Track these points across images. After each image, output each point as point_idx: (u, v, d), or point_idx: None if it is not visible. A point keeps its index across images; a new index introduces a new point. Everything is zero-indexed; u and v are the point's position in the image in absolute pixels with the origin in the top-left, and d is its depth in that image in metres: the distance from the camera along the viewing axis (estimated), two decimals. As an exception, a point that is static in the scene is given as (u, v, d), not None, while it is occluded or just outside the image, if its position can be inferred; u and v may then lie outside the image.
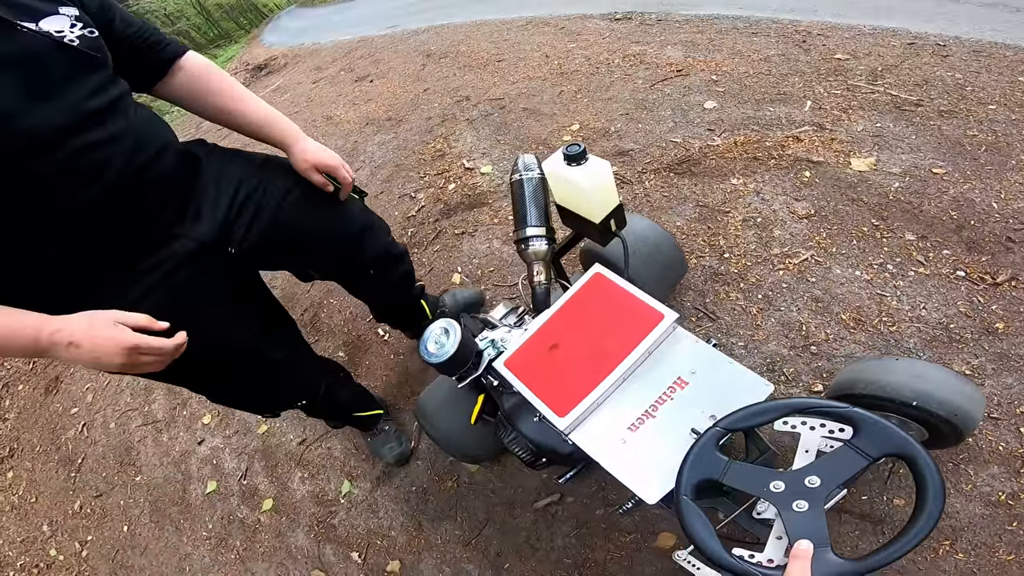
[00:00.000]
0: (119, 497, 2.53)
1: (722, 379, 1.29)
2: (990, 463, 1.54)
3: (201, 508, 2.32)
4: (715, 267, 2.01)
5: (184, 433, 2.52)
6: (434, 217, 2.56)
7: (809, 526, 0.95)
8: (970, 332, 1.69)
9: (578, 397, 1.29)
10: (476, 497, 1.94)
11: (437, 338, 1.35)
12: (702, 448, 1.07)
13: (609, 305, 1.42)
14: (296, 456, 2.26)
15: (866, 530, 1.56)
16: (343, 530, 2.06)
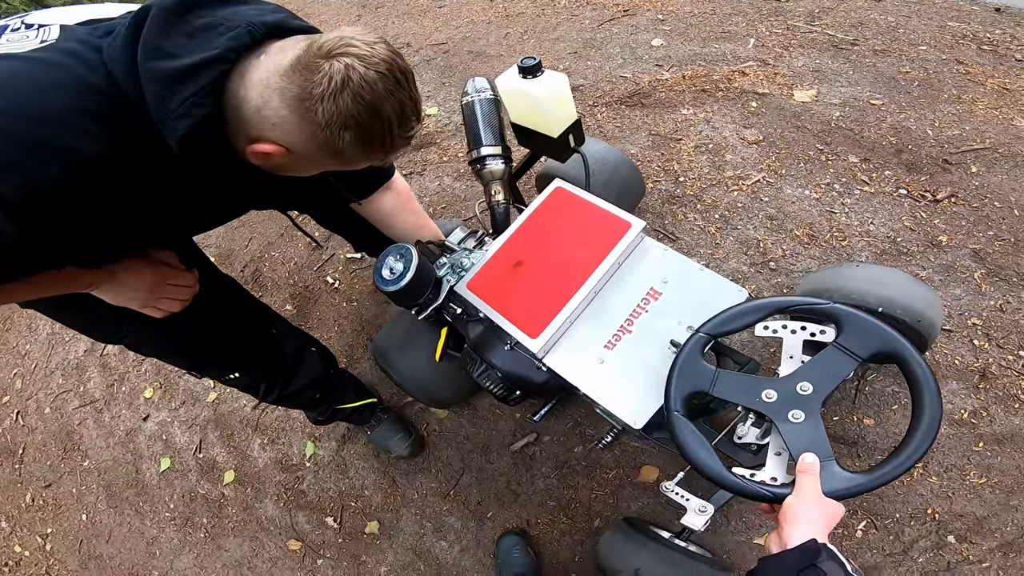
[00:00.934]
0: (70, 485, 2.32)
1: (696, 287, 1.22)
2: (948, 378, 1.59)
3: (158, 488, 2.15)
4: (671, 190, 1.98)
5: (126, 410, 2.31)
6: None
7: (809, 437, 0.89)
8: (916, 245, 1.73)
9: (549, 315, 1.19)
10: (448, 446, 1.87)
11: (392, 265, 1.21)
12: (687, 357, 0.99)
13: (573, 218, 1.31)
14: (252, 422, 2.10)
15: (841, 452, 1.59)
16: (313, 495, 1.94)
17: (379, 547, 1.81)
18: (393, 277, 1.19)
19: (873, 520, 1.50)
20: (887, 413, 1.57)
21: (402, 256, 1.19)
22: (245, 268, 2.41)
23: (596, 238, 1.26)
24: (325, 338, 2.18)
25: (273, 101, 0.76)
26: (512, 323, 1.20)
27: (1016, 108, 2.02)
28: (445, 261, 1.34)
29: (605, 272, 1.22)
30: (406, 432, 1.84)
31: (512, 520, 1.72)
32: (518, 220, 1.36)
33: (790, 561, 0.74)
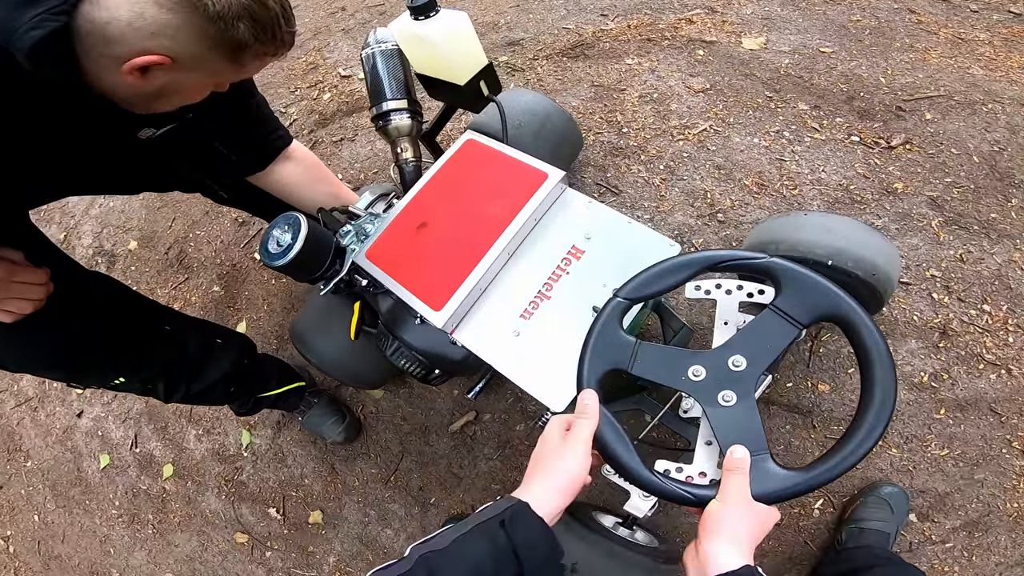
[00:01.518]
0: (18, 487, 2.12)
1: (622, 243, 1.01)
2: (907, 337, 1.39)
3: (101, 485, 1.95)
4: (614, 142, 1.76)
5: (60, 408, 2.09)
6: (308, 128, 2.18)
7: (741, 425, 0.71)
8: (870, 192, 1.54)
9: (454, 284, 0.98)
10: (386, 428, 1.67)
11: (278, 237, 1.00)
12: (602, 329, 0.78)
13: (485, 172, 1.10)
14: (185, 412, 1.89)
15: (796, 423, 1.39)
16: (254, 486, 1.75)
17: (325, 537, 1.65)
18: (280, 250, 0.99)
19: (831, 498, 1.33)
20: (843, 378, 1.38)
21: (290, 226, 1.00)
22: (169, 250, 2.17)
23: (509, 193, 1.05)
24: (254, 318, 1.96)
25: (149, 10, 0.70)
26: (414, 295, 1.00)
27: (972, 57, 1.82)
28: (350, 228, 1.13)
29: (519, 230, 1.01)
30: (340, 416, 1.65)
31: (456, 505, 1.56)
32: (423, 178, 1.15)
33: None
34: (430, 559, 0.55)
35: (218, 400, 1.45)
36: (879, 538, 1.22)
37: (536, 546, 0.58)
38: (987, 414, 1.32)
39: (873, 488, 1.30)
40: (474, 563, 0.54)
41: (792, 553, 1.35)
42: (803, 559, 1.34)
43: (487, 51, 1.23)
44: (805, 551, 1.34)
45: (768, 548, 1.36)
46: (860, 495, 1.30)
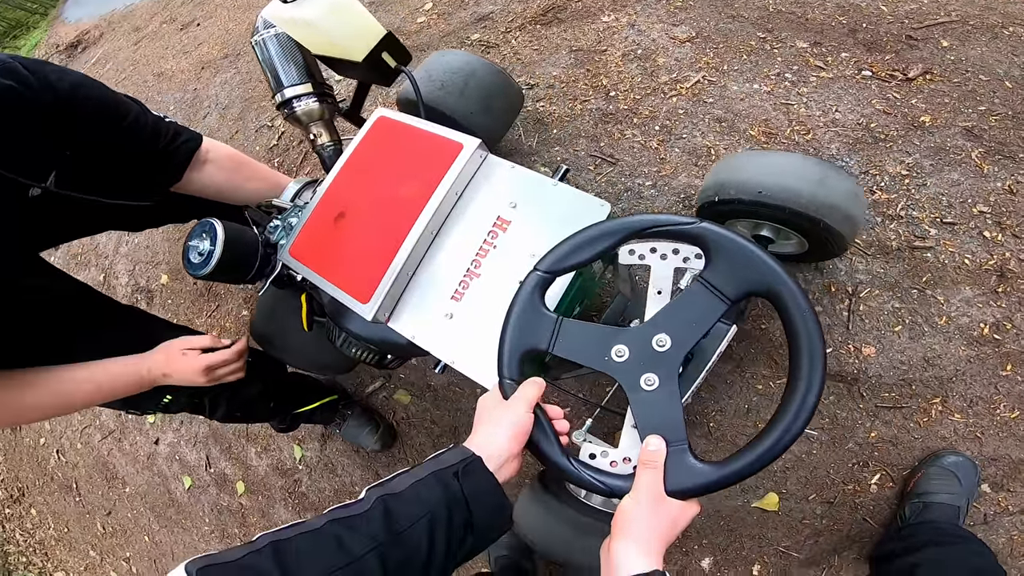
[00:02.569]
0: (124, 511, 2.19)
1: (549, 207, 0.86)
2: (960, 284, 1.13)
3: (190, 505, 1.97)
4: (603, 108, 1.53)
5: (139, 436, 2.12)
6: (297, 140, 2.04)
7: (661, 412, 0.62)
8: (895, 129, 1.27)
9: (379, 273, 0.86)
10: (418, 432, 1.56)
11: (199, 246, 0.89)
12: (521, 308, 0.68)
13: (398, 150, 0.96)
14: (243, 432, 1.86)
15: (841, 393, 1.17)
16: (313, 496, 1.70)
17: None
18: (201, 259, 0.89)
19: (888, 472, 1.13)
20: (891, 337, 1.15)
21: (206, 233, 0.90)
22: (197, 281, 2.06)
23: (425, 169, 0.91)
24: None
25: None
26: (340, 288, 0.89)
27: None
28: (278, 223, 1.01)
29: (438, 207, 0.88)
30: (374, 425, 1.58)
31: None
32: (336, 165, 1.01)
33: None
34: (387, 501, 0.54)
35: (261, 415, 1.41)
36: (946, 512, 1.02)
37: (486, 498, 0.57)
38: (1058, 363, 1.04)
39: (935, 458, 1.09)
40: (429, 508, 0.54)
41: (850, 531, 1.16)
42: (863, 536, 1.16)
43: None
44: (865, 528, 1.15)
45: (822, 527, 1.17)
46: (922, 465, 1.10)
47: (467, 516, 0.55)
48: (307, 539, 0.49)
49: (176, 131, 1.00)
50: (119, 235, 2.35)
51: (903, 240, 1.21)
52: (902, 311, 1.17)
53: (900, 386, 1.15)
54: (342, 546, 0.49)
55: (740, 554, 1.25)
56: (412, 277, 0.91)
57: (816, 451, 1.19)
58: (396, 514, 0.52)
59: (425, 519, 0.53)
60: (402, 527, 0.52)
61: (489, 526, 0.57)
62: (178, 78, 2.55)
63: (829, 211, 0.90)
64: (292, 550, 0.48)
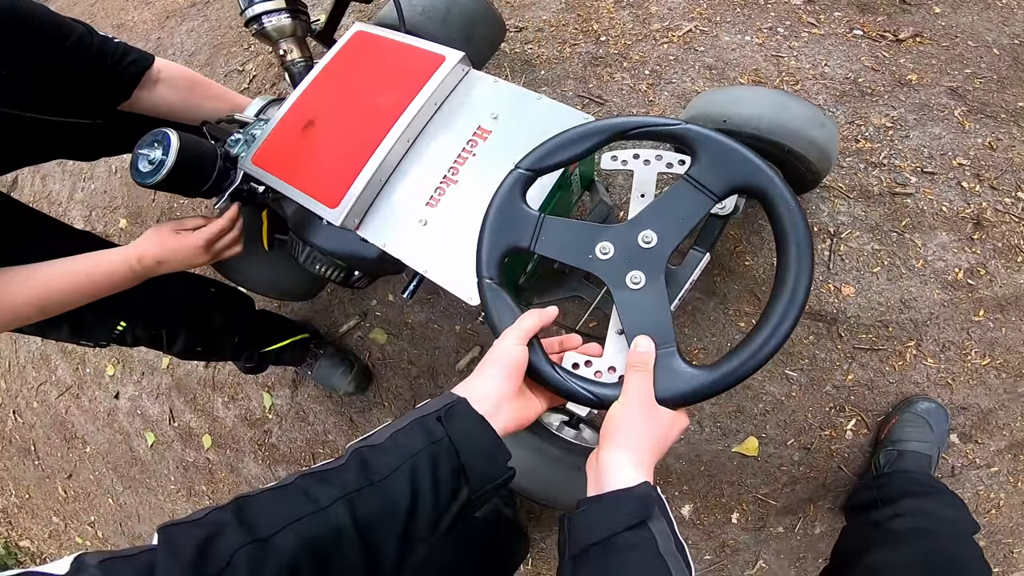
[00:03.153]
0: (86, 473, 2.10)
1: (531, 119, 0.85)
2: (936, 229, 1.16)
3: (154, 463, 1.91)
4: (592, 51, 1.53)
5: (98, 391, 2.03)
6: (270, 82, 1.99)
7: (648, 312, 0.59)
8: (882, 85, 1.30)
9: (349, 178, 0.83)
10: (395, 374, 1.53)
11: (149, 155, 0.85)
12: (502, 203, 0.66)
13: (376, 63, 0.94)
14: (208, 381, 1.80)
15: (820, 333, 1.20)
16: (284, 447, 1.66)
17: None
18: (151, 168, 0.85)
19: (863, 417, 1.15)
20: (869, 278, 1.18)
21: (158, 142, 0.85)
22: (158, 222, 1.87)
23: (404, 80, 0.89)
24: None
25: None
26: (307, 195, 0.86)
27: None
28: (239, 137, 0.98)
29: (416, 115, 0.86)
30: (348, 365, 1.51)
31: None
32: (308, 76, 0.98)
33: (613, 517, 0.50)
34: (364, 452, 0.50)
35: (224, 351, 1.34)
36: (919, 461, 1.04)
37: (475, 441, 0.51)
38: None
39: (909, 404, 1.10)
40: (410, 457, 0.49)
41: (825, 480, 1.18)
42: (838, 485, 1.18)
43: None
44: (840, 476, 1.17)
45: (799, 475, 1.19)
46: (896, 412, 1.11)
47: (456, 463, 0.50)
48: (274, 493, 0.46)
49: (125, 51, 0.97)
50: (73, 180, 2.24)
51: (884, 186, 1.24)
52: (881, 253, 1.20)
53: (877, 327, 1.17)
54: (308, 496, 0.46)
55: (720, 501, 1.27)
56: (385, 184, 0.88)
57: (795, 393, 1.20)
58: (372, 464, 0.49)
59: (405, 466, 0.48)
60: (380, 476, 0.48)
61: (484, 474, 0.52)
62: (139, 28, 2.44)
63: (792, 136, 0.90)
64: (256, 503, 0.45)
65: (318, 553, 0.43)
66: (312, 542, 0.43)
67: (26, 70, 0.85)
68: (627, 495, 0.50)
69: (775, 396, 1.21)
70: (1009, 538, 1.14)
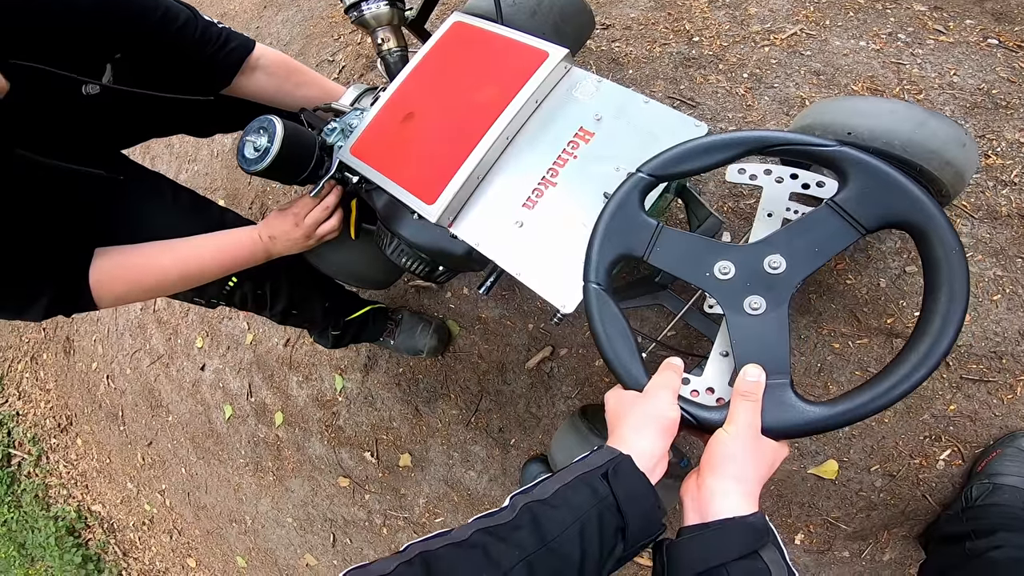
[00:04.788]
0: (165, 441, 2.31)
1: (638, 123, 0.82)
2: None
3: (229, 436, 2.07)
4: (684, 52, 1.49)
5: (186, 362, 2.21)
6: (358, 73, 2.07)
7: (765, 341, 0.57)
8: (1019, 98, 1.20)
9: (448, 174, 0.85)
10: (464, 368, 1.58)
11: (255, 141, 0.91)
12: (619, 207, 0.64)
13: (477, 55, 0.94)
14: (286, 359, 1.91)
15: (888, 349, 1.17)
16: (350, 430, 1.76)
17: (414, 479, 1.63)
18: (257, 155, 0.90)
19: (959, 448, 1.09)
20: (988, 306, 1.12)
21: (264, 129, 0.91)
22: (252, 204, 2.18)
23: (505, 75, 0.89)
24: None
25: None
26: (405, 189, 0.88)
27: None
28: (335, 126, 1.02)
29: (517, 114, 0.86)
30: (426, 323, 1.55)
31: (536, 446, 1.46)
32: (407, 67, 0.99)
33: (725, 545, 0.50)
34: (534, 508, 0.52)
35: (315, 316, 1.41)
36: (1015, 495, 0.98)
37: (638, 501, 0.53)
38: None
39: (1013, 438, 1.05)
40: (579, 514, 0.51)
41: (906, 508, 1.13)
42: (919, 514, 1.13)
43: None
44: (922, 505, 1.12)
45: (878, 501, 1.15)
46: (997, 446, 1.05)
47: (619, 521, 0.52)
48: (454, 551, 0.49)
49: (228, 37, 1.05)
50: (179, 162, 2.45)
51: (1014, 207, 1.16)
52: (1003, 280, 1.13)
53: (990, 358, 1.11)
54: (489, 557, 0.48)
55: (786, 521, 1.24)
56: (482, 182, 0.89)
57: (888, 419, 1.16)
58: (544, 521, 0.51)
59: (575, 526, 0.50)
60: (551, 535, 0.50)
61: (641, 531, 0.53)
62: (241, 17, 2.65)
63: (927, 155, 0.84)
64: (442, 563, 0.48)
65: None
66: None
67: (137, 52, 0.94)
68: (739, 523, 0.51)
69: (866, 421, 1.16)
70: None
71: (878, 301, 1.17)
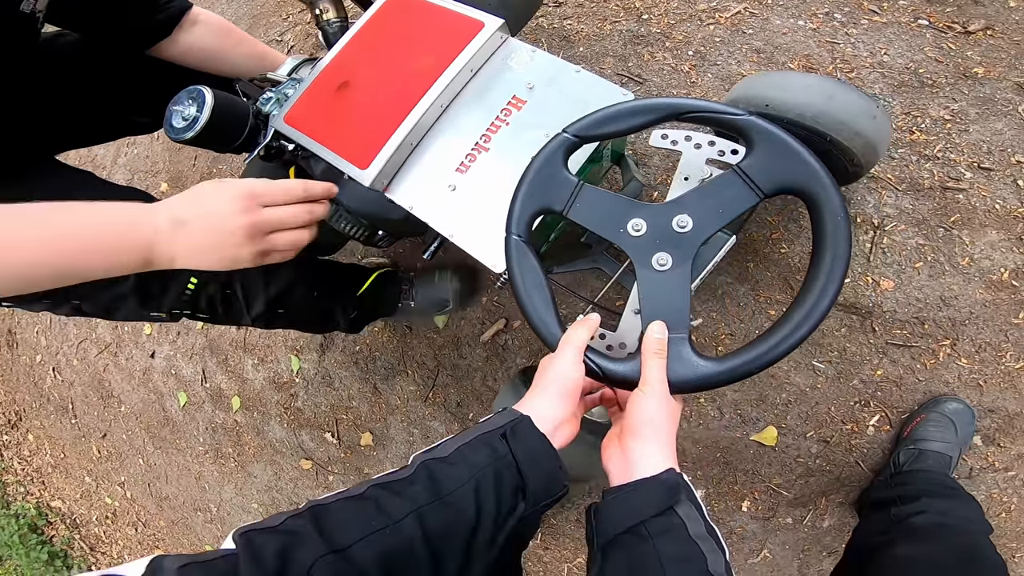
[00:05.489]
0: (119, 432, 2.25)
1: (568, 92, 0.87)
2: (987, 227, 1.15)
3: (185, 423, 2.04)
4: (633, 30, 1.54)
5: (135, 350, 2.16)
6: (308, 52, 2.03)
7: (668, 296, 0.61)
8: (944, 77, 1.28)
9: (381, 139, 0.86)
10: (420, 343, 1.59)
11: (183, 111, 0.89)
12: (543, 164, 0.67)
13: (415, 25, 0.96)
14: (240, 343, 1.89)
15: (854, 326, 1.20)
16: (309, 412, 1.76)
17: (376, 458, 1.64)
18: (186, 124, 0.89)
19: (887, 414, 1.17)
20: (910, 273, 1.18)
21: (193, 99, 0.90)
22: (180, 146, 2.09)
23: (442, 45, 0.92)
24: None
25: None
26: (338, 154, 0.90)
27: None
28: (271, 95, 1.02)
29: (452, 81, 0.89)
30: (442, 269, 1.45)
31: None
32: (343, 38, 1.01)
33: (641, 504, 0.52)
34: (431, 466, 0.52)
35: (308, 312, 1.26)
36: (939, 461, 1.05)
37: (537, 460, 0.53)
38: (1074, 317, 1.07)
39: (936, 403, 1.12)
40: (476, 471, 0.51)
41: (840, 474, 1.20)
42: (852, 481, 1.20)
43: None
44: (855, 472, 1.20)
45: (815, 467, 1.22)
46: (921, 411, 1.13)
47: (518, 480, 0.52)
48: (348, 503, 0.49)
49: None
50: (118, 145, 2.37)
51: (936, 180, 1.22)
52: (925, 248, 1.19)
53: (913, 324, 1.18)
54: (381, 508, 0.48)
55: (732, 488, 1.30)
56: (416, 147, 0.92)
57: (821, 385, 1.22)
58: (440, 478, 0.51)
59: (471, 483, 0.50)
60: (447, 490, 0.50)
61: (543, 492, 0.53)
62: None
63: (837, 126, 0.89)
64: (331, 513, 0.47)
65: (391, 565, 0.46)
66: (386, 555, 0.46)
67: None
68: (654, 482, 0.52)
69: (800, 387, 1.23)
70: (1014, 542, 1.16)
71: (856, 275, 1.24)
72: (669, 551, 0.48)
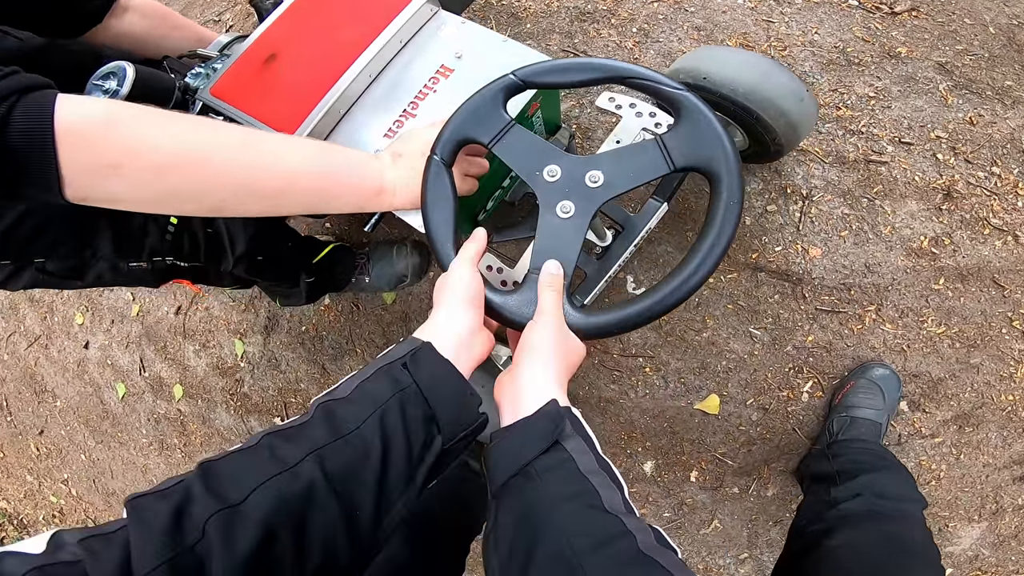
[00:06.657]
0: (57, 428, 2.16)
1: (495, 60, 0.90)
2: (907, 198, 1.22)
3: (126, 415, 1.96)
4: (581, 7, 1.57)
5: (67, 341, 2.07)
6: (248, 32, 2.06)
7: (561, 244, 0.64)
8: (870, 56, 1.35)
9: (308, 107, 0.88)
10: (368, 320, 1.58)
11: (104, 85, 0.88)
12: (483, 98, 0.70)
13: (346, 1, 0.99)
14: (179, 328, 1.84)
15: (786, 292, 1.24)
16: (256, 397, 1.71)
17: None
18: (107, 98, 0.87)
19: (820, 380, 1.23)
20: (836, 241, 1.24)
21: (114, 74, 0.88)
22: None
23: (370, 17, 0.94)
24: None
25: None
26: (264, 123, 0.90)
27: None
28: (200, 70, 1.02)
29: (379, 51, 0.91)
30: (400, 243, 1.45)
31: None
32: (274, 12, 1.02)
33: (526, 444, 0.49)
34: (329, 406, 0.49)
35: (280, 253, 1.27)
36: (870, 429, 1.10)
37: (443, 386, 0.51)
38: (989, 286, 1.18)
39: (864, 369, 1.17)
40: (377, 405, 0.48)
41: (780, 442, 1.25)
42: (791, 448, 1.25)
43: None
44: (793, 439, 1.25)
45: (756, 436, 1.27)
46: (851, 377, 1.18)
47: (425, 410, 0.49)
48: (239, 455, 0.46)
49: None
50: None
51: (860, 153, 1.29)
52: (850, 217, 1.25)
53: (840, 290, 1.24)
54: (275, 456, 0.45)
55: (680, 459, 1.34)
56: (345, 116, 0.93)
57: (758, 352, 1.27)
58: (339, 417, 0.48)
59: (374, 417, 0.47)
60: (348, 428, 0.47)
61: (456, 419, 0.51)
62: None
63: (765, 104, 0.93)
64: (222, 468, 0.44)
65: (293, 512, 0.43)
66: (285, 502, 0.43)
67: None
68: (538, 417, 0.50)
69: (738, 354, 1.27)
70: (946, 511, 1.22)
71: (744, 238, 1.28)
72: (559, 490, 0.46)
